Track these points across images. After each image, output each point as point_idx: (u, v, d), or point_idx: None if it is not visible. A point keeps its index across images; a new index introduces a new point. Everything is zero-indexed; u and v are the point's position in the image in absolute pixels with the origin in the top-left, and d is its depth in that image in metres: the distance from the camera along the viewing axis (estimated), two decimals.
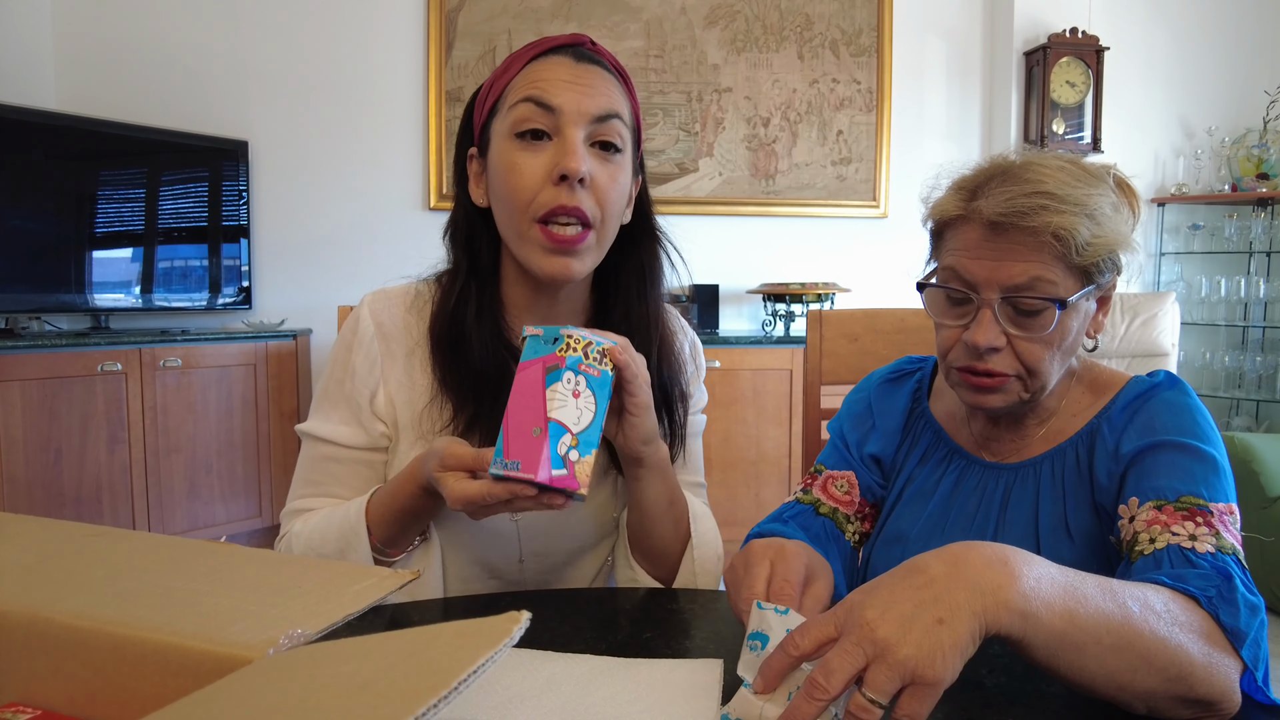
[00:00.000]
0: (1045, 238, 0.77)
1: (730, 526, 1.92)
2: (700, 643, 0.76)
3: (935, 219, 0.86)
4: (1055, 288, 0.79)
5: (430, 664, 0.35)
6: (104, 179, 2.95)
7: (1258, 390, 3.63)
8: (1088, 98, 3.46)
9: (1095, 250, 0.78)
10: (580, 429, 0.71)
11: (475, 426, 0.91)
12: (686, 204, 3.50)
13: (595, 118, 0.85)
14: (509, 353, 0.91)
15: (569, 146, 0.84)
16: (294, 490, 0.98)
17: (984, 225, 0.80)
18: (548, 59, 0.87)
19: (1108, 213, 0.80)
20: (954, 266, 0.82)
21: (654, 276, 0.97)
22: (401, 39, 3.39)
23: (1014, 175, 0.80)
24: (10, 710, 0.45)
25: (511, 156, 0.85)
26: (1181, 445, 0.78)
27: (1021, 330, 0.80)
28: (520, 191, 0.85)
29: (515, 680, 0.64)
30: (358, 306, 0.97)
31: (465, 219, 0.95)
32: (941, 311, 0.85)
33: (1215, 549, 0.69)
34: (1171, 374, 0.87)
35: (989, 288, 0.79)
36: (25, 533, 0.61)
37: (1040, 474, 0.87)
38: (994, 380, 0.82)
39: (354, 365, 0.93)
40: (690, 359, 1.04)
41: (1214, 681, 0.61)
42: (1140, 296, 1.34)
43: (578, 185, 0.84)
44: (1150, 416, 0.82)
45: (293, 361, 3.12)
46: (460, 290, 0.92)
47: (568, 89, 0.85)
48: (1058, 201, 0.77)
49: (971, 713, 0.61)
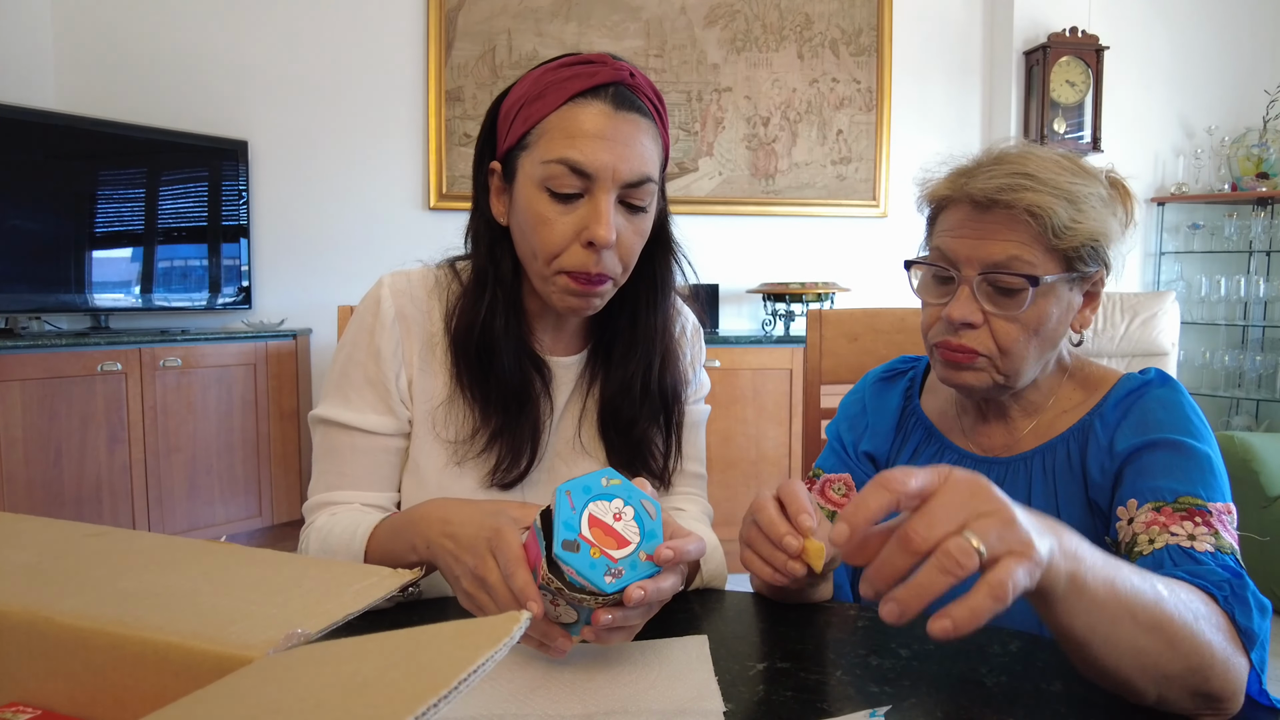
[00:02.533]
0: (1023, 215, 0.79)
1: (730, 526, 1.93)
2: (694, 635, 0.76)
3: (929, 202, 0.89)
4: (1033, 268, 0.80)
5: (430, 664, 0.35)
6: (104, 179, 2.94)
7: (1257, 390, 3.63)
8: (1087, 97, 3.46)
9: (1075, 235, 0.80)
10: (566, 622, 0.65)
11: (499, 439, 0.91)
12: (686, 204, 3.50)
13: (628, 183, 0.84)
14: (532, 362, 0.93)
15: (600, 216, 0.82)
16: (316, 483, 0.93)
17: (970, 205, 0.83)
18: (586, 104, 0.83)
19: (1094, 204, 0.81)
20: (940, 246, 0.85)
21: (665, 289, 0.96)
22: (401, 39, 3.38)
23: (1005, 159, 0.83)
24: (10, 710, 0.45)
25: (541, 209, 0.84)
26: (1177, 444, 0.78)
27: (998, 308, 0.82)
28: (548, 244, 0.84)
29: (516, 674, 0.66)
30: (376, 287, 0.94)
31: (487, 227, 0.93)
32: (927, 290, 0.88)
33: (1215, 548, 0.69)
34: (1163, 371, 0.87)
35: (970, 265, 0.82)
36: (25, 533, 0.61)
37: (1031, 469, 0.88)
38: (965, 356, 0.83)
39: (378, 347, 0.91)
40: (688, 344, 1.03)
41: (1229, 678, 0.61)
42: (1140, 296, 1.34)
43: (604, 250, 0.84)
44: (1144, 413, 0.82)
45: (293, 361, 3.12)
46: (489, 301, 0.90)
47: (603, 149, 0.82)
48: (1037, 182, 0.79)
49: (971, 713, 0.61)
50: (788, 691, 0.64)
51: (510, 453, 0.91)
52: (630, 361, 0.95)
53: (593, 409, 0.98)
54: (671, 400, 0.98)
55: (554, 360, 0.96)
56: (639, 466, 0.97)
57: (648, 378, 0.95)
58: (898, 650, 0.72)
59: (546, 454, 0.96)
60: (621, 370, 0.95)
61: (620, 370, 0.95)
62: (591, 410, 0.98)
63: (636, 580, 0.62)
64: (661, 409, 0.97)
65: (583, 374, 0.98)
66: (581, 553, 0.61)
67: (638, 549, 0.63)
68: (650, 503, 0.66)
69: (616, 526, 0.64)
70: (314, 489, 0.93)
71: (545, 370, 0.94)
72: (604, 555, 0.62)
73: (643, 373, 0.95)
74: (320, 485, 0.93)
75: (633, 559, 0.63)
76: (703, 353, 1.07)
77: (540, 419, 0.94)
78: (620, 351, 0.95)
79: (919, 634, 0.76)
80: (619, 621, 0.63)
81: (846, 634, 0.77)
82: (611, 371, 0.96)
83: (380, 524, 0.84)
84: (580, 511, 0.63)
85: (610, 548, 0.62)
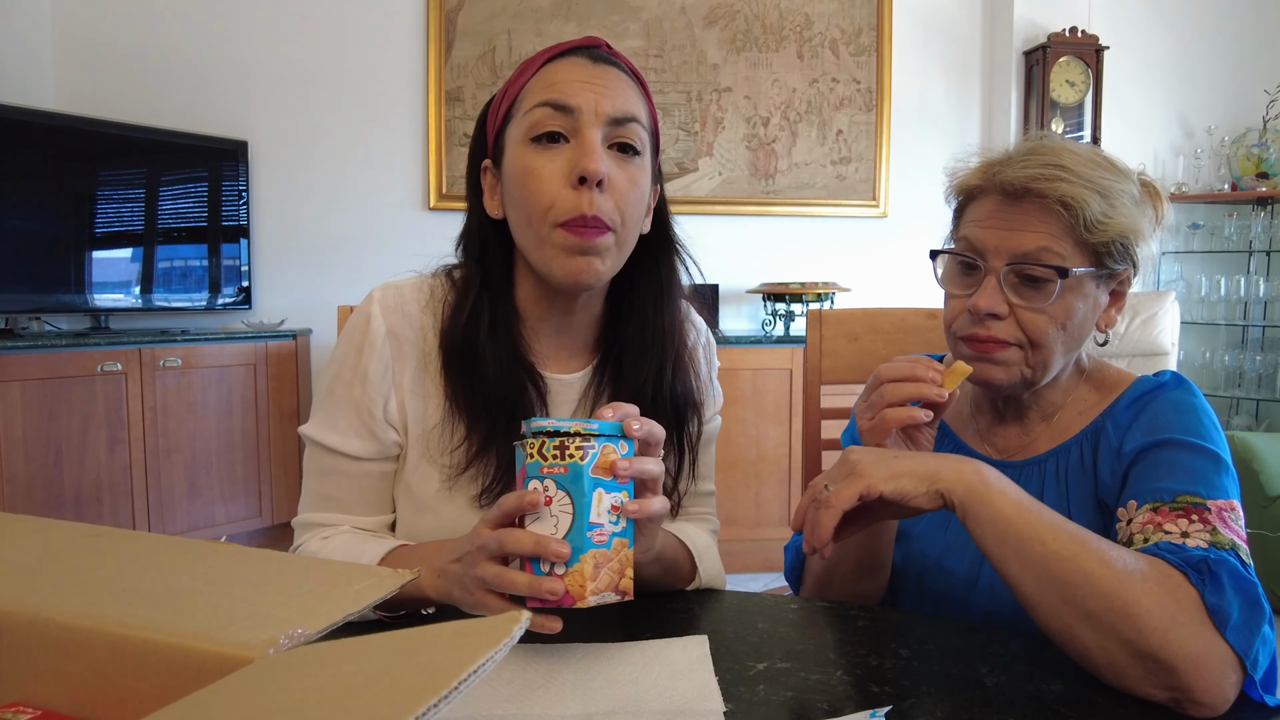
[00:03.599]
0: (1055, 206, 0.79)
1: (730, 526, 1.92)
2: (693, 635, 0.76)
3: (957, 193, 0.88)
4: (1062, 260, 0.80)
5: (430, 664, 0.35)
6: (104, 179, 2.94)
7: (1257, 389, 3.63)
8: (1087, 97, 3.46)
9: (1106, 230, 0.79)
10: (561, 535, 0.64)
11: (488, 450, 0.86)
12: (686, 204, 3.50)
13: (613, 119, 0.82)
14: (524, 369, 0.88)
15: (587, 147, 0.80)
16: (305, 501, 0.92)
17: (1000, 195, 0.82)
18: (563, 61, 0.84)
19: (1125, 201, 0.81)
20: (968, 236, 0.84)
21: (671, 290, 0.92)
22: (401, 39, 3.38)
23: (1038, 151, 0.82)
24: (10, 710, 0.45)
25: (528, 161, 0.82)
26: (1182, 443, 0.78)
27: (1024, 300, 0.81)
28: (539, 196, 0.81)
29: (516, 674, 0.66)
30: (366, 302, 0.90)
31: (479, 230, 0.91)
32: (952, 280, 0.87)
33: (1210, 544, 0.68)
34: (1178, 374, 0.87)
35: (997, 255, 0.81)
36: (25, 533, 0.61)
37: (1045, 472, 0.87)
38: (997, 346, 0.82)
39: (365, 369, 0.87)
40: (704, 360, 0.99)
41: (1173, 643, 0.61)
42: (1140, 295, 1.34)
43: (596, 189, 0.80)
44: (1154, 415, 0.82)
45: (293, 361, 3.12)
46: (473, 304, 0.87)
47: (585, 89, 0.81)
48: (1072, 174, 0.79)
49: (971, 713, 0.61)
50: (788, 691, 0.64)
51: (502, 469, 0.86)
52: (642, 368, 0.90)
53: None
54: (685, 409, 0.93)
55: (554, 378, 0.91)
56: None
57: (659, 385, 0.90)
58: (898, 650, 0.72)
59: None
60: (633, 377, 0.90)
61: (631, 378, 0.90)
62: None
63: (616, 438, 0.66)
64: (674, 422, 0.92)
65: (587, 390, 0.93)
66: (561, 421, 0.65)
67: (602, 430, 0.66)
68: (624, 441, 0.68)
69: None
70: (303, 505, 0.92)
71: (540, 382, 0.89)
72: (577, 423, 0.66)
73: (654, 379, 0.90)
74: (308, 504, 0.91)
75: (602, 425, 0.66)
76: (715, 368, 1.03)
77: None
78: (631, 360, 0.91)
79: (919, 634, 0.76)
80: (636, 468, 0.67)
81: (846, 634, 0.77)
82: (622, 382, 0.91)
83: (389, 556, 0.84)
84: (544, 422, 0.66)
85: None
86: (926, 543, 0.91)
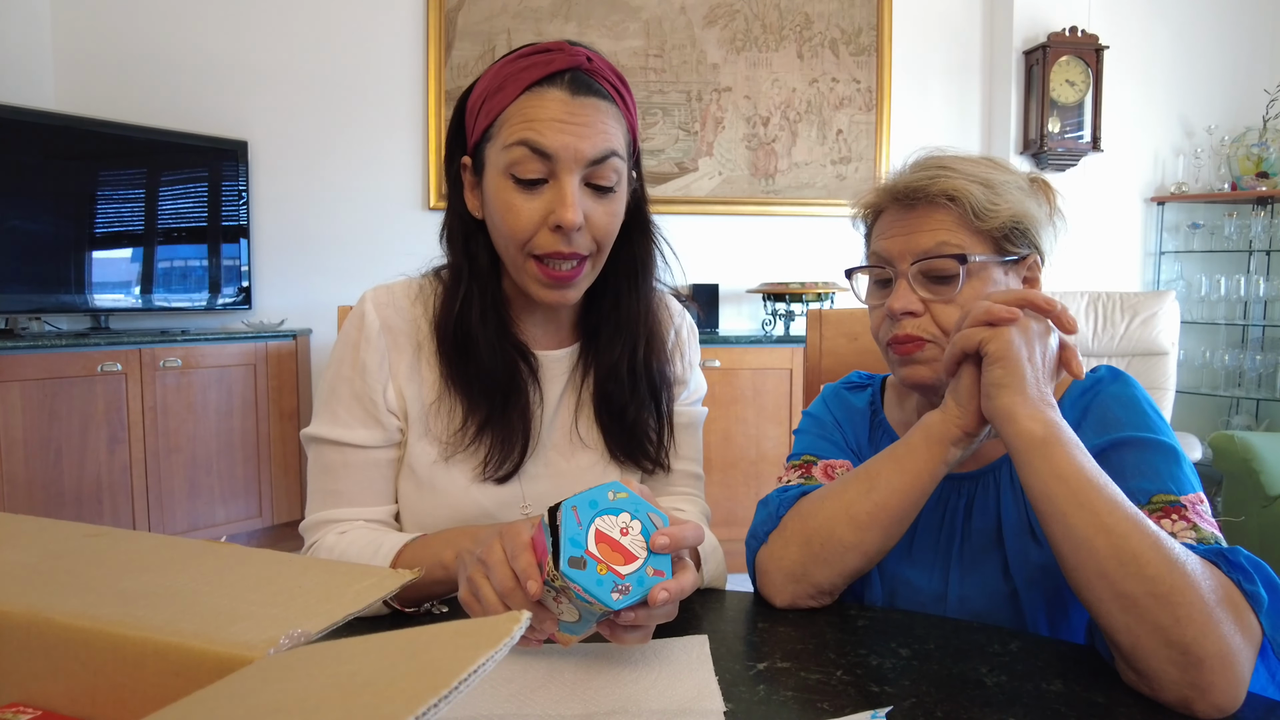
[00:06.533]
0: (942, 201, 0.83)
1: (730, 526, 1.92)
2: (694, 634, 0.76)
3: (863, 213, 0.93)
4: (960, 249, 0.83)
5: (430, 664, 0.35)
6: (104, 179, 2.94)
7: (1257, 389, 3.63)
8: (1087, 96, 3.46)
9: (997, 213, 0.83)
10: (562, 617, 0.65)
11: (487, 429, 0.91)
12: (686, 203, 3.50)
13: (591, 160, 0.84)
14: (516, 351, 0.93)
15: (565, 198, 0.83)
16: (313, 502, 0.93)
17: (896, 205, 0.87)
18: (543, 92, 0.84)
19: (1012, 189, 0.85)
20: (876, 249, 0.89)
21: (646, 271, 0.98)
22: (401, 39, 3.38)
23: (925, 160, 0.88)
24: (10, 710, 0.45)
25: (507, 197, 0.85)
26: (1141, 441, 0.78)
27: (935, 295, 0.85)
28: (517, 232, 0.85)
29: (516, 674, 0.66)
30: (359, 303, 0.95)
31: (460, 223, 0.94)
32: (871, 294, 0.92)
33: (1195, 540, 0.69)
34: (1112, 367, 0.88)
35: (902, 259, 0.86)
36: (25, 533, 0.61)
37: (1000, 479, 0.88)
38: (914, 344, 0.85)
39: (363, 362, 0.92)
40: (685, 345, 1.05)
41: (1209, 638, 0.60)
42: (1140, 295, 1.34)
43: (573, 231, 0.84)
44: (1102, 412, 0.83)
45: (293, 361, 3.12)
46: (464, 294, 0.92)
47: (563, 131, 0.82)
48: (954, 171, 0.84)
49: (971, 712, 0.61)
50: (788, 691, 0.64)
51: (500, 444, 0.91)
52: (616, 345, 0.96)
53: (588, 400, 0.98)
54: (660, 383, 0.99)
55: (544, 354, 0.97)
56: (637, 454, 0.98)
57: (633, 361, 0.96)
58: (898, 650, 0.72)
59: (544, 448, 0.96)
60: (608, 354, 0.96)
61: (607, 354, 0.96)
62: (587, 402, 0.98)
63: (642, 595, 0.62)
64: (650, 393, 0.98)
65: (575, 365, 0.98)
66: (588, 570, 0.61)
67: (645, 564, 0.63)
68: (657, 515, 0.65)
69: (623, 541, 0.64)
70: (311, 508, 0.93)
71: (531, 359, 0.95)
72: (610, 572, 0.62)
73: (629, 356, 0.96)
74: (317, 504, 0.93)
75: (639, 574, 0.63)
76: (697, 355, 1.08)
77: (529, 408, 0.94)
78: (606, 336, 0.97)
79: (919, 634, 0.76)
80: (641, 620, 0.64)
81: (846, 634, 0.77)
82: (599, 357, 0.97)
83: (409, 543, 0.85)
84: (587, 527, 0.63)
85: (617, 563, 0.62)
86: (891, 563, 0.90)
